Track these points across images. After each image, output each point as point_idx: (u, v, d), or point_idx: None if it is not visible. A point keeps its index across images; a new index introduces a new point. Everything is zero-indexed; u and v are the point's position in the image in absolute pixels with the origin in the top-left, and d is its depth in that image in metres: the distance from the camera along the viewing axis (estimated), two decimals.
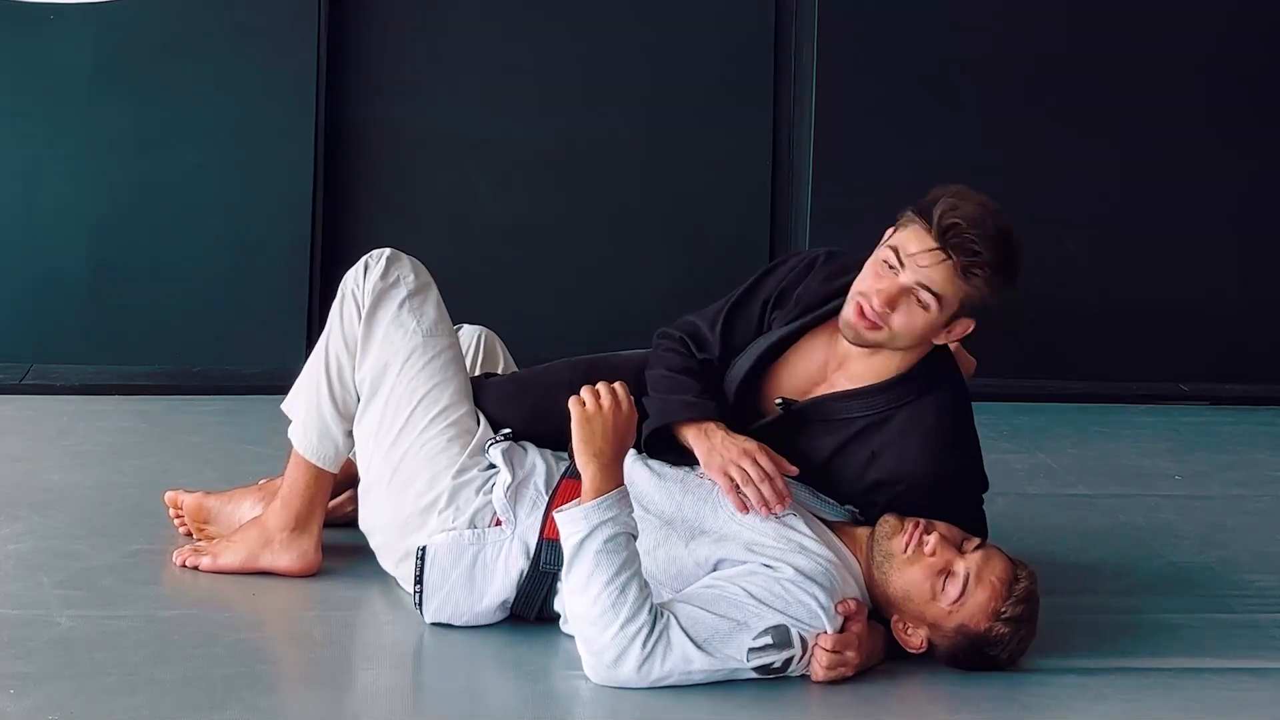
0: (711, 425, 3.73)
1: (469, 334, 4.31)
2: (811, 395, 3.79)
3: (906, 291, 3.61)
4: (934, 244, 3.57)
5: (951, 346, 3.92)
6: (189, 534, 4.16)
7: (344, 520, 4.17)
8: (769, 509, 3.62)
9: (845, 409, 3.74)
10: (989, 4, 6.02)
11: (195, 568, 3.96)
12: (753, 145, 6.03)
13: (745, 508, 3.63)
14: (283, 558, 3.93)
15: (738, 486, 3.64)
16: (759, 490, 3.62)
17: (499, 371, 4.22)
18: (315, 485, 3.94)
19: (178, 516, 4.19)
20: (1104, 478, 5.10)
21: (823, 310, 3.79)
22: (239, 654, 3.58)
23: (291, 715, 3.37)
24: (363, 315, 3.90)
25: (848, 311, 3.66)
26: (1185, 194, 6.10)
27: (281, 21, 5.80)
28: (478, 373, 4.15)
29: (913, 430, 3.69)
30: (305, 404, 3.95)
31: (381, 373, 3.87)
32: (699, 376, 3.82)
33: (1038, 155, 6.05)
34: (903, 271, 3.60)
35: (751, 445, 3.68)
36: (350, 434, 3.92)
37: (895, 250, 3.61)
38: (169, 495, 4.21)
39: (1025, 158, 6.04)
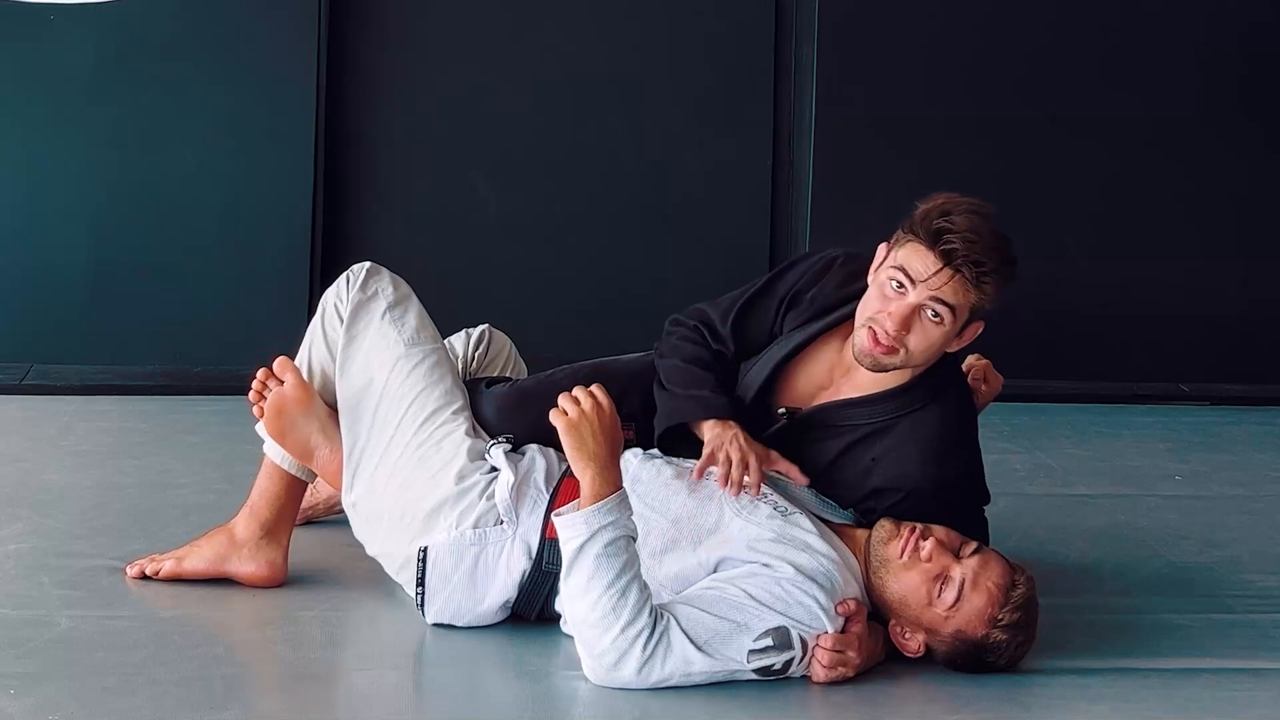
0: (731, 422, 3.71)
1: (474, 336, 4.25)
2: (816, 402, 3.78)
3: (918, 309, 3.58)
4: (940, 262, 3.55)
5: (980, 365, 3.93)
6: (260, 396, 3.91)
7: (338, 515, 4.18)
8: (726, 486, 3.61)
9: (848, 416, 3.73)
10: (988, 6, 6.02)
11: (154, 575, 3.89)
12: (753, 146, 6.03)
13: (700, 475, 3.65)
14: (248, 565, 3.89)
15: (717, 464, 3.64)
16: (732, 471, 3.62)
17: (511, 370, 4.20)
18: (286, 495, 3.92)
19: (265, 385, 3.92)
20: (1104, 478, 5.10)
21: (836, 315, 3.77)
22: (239, 654, 3.58)
23: (291, 715, 3.37)
24: (344, 328, 3.89)
25: (862, 340, 3.63)
26: (1185, 195, 6.10)
27: (281, 21, 5.80)
28: (496, 373, 4.13)
29: (913, 439, 3.68)
30: None
31: (366, 385, 3.83)
32: (713, 368, 3.80)
33: (1037, 156, 6.05)
34: (912, 291, 3.58)
35: (761, 452, 3.67)
36: None
37: (901, 269, 3.58)
38: (280, 361, 3.92)
39: (1025, 158, 6.05)
